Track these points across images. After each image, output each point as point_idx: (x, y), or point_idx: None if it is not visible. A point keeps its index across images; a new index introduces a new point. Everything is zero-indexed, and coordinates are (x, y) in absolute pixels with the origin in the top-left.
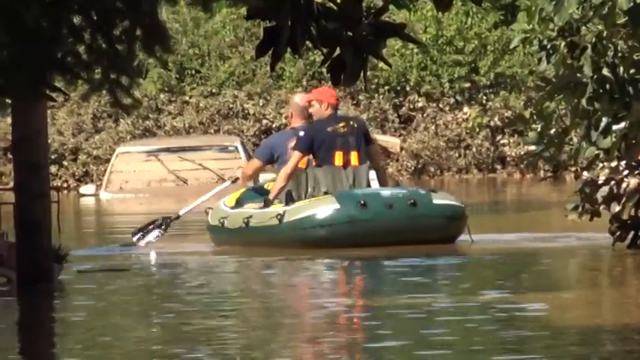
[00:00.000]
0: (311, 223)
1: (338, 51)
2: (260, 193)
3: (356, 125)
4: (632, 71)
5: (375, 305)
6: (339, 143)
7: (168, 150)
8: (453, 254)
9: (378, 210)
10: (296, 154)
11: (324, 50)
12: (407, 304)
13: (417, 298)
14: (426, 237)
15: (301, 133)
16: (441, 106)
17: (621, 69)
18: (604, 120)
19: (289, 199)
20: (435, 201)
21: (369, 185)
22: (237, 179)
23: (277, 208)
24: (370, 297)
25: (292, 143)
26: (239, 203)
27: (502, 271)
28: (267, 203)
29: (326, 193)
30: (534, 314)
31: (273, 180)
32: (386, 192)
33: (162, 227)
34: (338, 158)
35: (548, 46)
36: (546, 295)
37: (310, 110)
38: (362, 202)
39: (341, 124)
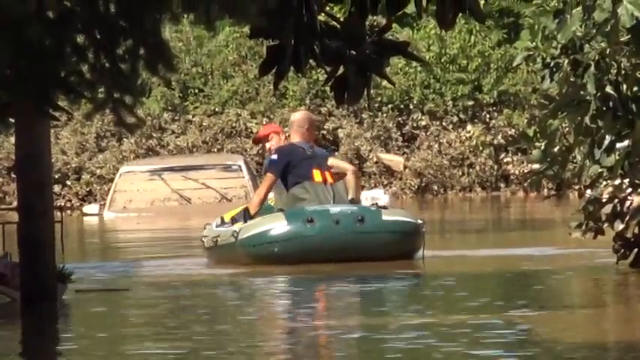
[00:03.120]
0: (260, 239)
1: (341, 69)
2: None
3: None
4: (635, 89)
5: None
6: (315, 162)
7: (171, 169)
8: (451, 270)
9: (325, 226)
10: (269, 177)
11: (328, 69)
12: (414, 323)
13: (420, 316)
14: (374, 253)
15: (274, 156)
16: (444, 124)
17: (624, 87)
18: (607, 138)
19: (247, 217)
20: (385, 217)
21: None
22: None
23: (238, 225)
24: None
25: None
26: (234, 220)
27: (503, 289)
28: (233, 222)
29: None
30: (536, 332)
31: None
32: (335, 208)
33: None
34: (317, 175)
35: (552, 64)
36: (549, 314)
37: (270, 143)
38: (309, 218)
39: (306, 148)
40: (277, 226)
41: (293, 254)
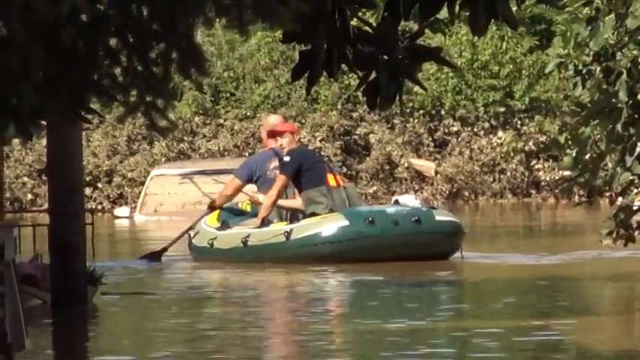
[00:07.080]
0: (320, 239)
1: (373, 75)
2: (236, 213)
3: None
4: None
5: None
6: (327, 166)
7: (202, 172)
8: (480, 274)
9: (385, 226)
10: (282, 178)
11: (360, 74)
12: (434, 327)
13: (441, 320)
14: (427, 252)
15: (287, 158)
16: (475, 130)
17: None
18: (639, 145)
19: (266, 221)
20: (437, 217)
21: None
22: (212, 207)
23: (280, 226)
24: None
25: (273, 164)
26: (225, 223)
27: (532, 294)
28: (266, 223)
29: (331, 211)
30: (564, 338)
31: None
32: (391, 209)
33: (157, 260)
34: (331, 179)
35: (584, 71)
36: (577, 320)
37: (284, 140)
38: (370, 218)
39: (316, 151)
40: (337, 226)
41: (353, 253)
